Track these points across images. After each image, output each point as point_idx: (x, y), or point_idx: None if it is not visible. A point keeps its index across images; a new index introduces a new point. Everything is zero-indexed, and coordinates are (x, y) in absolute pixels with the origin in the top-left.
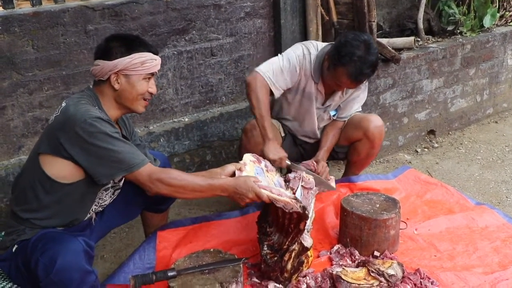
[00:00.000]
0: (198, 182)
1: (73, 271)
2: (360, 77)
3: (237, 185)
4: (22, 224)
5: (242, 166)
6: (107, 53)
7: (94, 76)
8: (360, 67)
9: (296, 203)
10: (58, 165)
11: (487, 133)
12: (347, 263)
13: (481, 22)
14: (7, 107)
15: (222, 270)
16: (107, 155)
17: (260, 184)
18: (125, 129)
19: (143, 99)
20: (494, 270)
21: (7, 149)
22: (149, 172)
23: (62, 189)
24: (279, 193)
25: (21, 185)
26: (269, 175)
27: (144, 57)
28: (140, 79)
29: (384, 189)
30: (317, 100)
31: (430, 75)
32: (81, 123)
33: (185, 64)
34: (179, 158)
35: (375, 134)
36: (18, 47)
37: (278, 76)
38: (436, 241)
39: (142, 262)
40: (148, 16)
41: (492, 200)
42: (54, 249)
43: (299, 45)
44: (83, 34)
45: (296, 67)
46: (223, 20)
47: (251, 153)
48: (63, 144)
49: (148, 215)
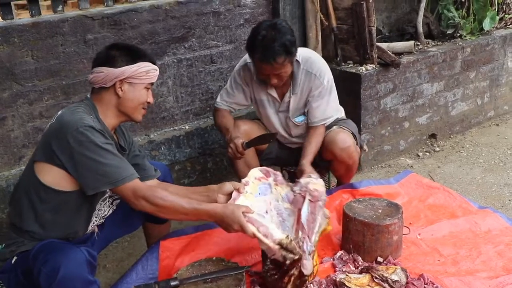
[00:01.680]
0: (183, 205)
1: (75, 281)
2: (268, 55)
3: (224, 215)
4: (21, 236)
5: (241, 187)
6: (111, 60)
7: (93, 83)
8: (266, 44)
9: (279, 251)
10: (52, 173)
11: (488, 136)
12: (351, 269)
13: (481, 25)
14: (8, 118)
15: (225, 279)
16: (94, 166)
17: (250, 217)
18: (123, 139)
19: (142, 108)
20: (498, 275)
21: (7, 159)
22: (135, 188)
23: (56, 197)
24: (266, 232)
25: (17, 195)
26: (278, 189)
27: (148, 67)
28: (142, 88)
29: (386, 194)
30: (273, 105)
31: (431, 79)
32: (72, 131)
33: (185, 71)
34: (180, 166)
35: (343, 156)
36: (18, 57)
37: (229, 98)
38: (440, 246)
39: (144, 272)
40: (148, 24)
41: (495, 204)
42: (56, 259)
43: (244, 56)
44: (82, 44)
45: (239, 82)
46: (223, 27)
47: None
48: (55, 152)
49: (149, 225)
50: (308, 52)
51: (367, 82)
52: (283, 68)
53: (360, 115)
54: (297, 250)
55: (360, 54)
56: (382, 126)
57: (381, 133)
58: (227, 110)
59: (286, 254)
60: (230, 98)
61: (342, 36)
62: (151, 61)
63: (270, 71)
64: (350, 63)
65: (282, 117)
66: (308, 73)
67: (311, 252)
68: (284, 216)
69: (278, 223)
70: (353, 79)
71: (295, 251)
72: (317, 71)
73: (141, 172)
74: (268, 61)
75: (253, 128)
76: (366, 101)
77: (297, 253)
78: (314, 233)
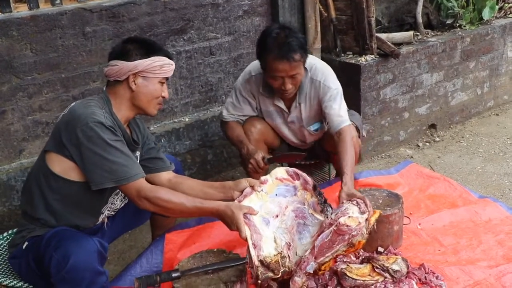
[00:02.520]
0: (186, 205)
1: (85, 271)
2: (285, 49)
3: (224, 214)
4: (32, 223)
5: (256, 184)
6: (126, 54)
7: (108, 76)
8: (282, 42)
9: (256, 268)
10: (62, 163)
11: (488, 126)
12: (351, 259)
13: (480, 15)
14: (7, 111)
15: (226, 270)
16: (100, 162)
17: (250, 220)
18: (136, 132)
19: (158, 103)
20: (498, 264)
21: (8, 153)
22: (139, 188)
23: (66, 187)
24: (257, 242)
25: (29, 183)
26: (305, 193)
27: (162, 61)
28: (156, 82)
29: (386, 185)
30: (281, 115)
31: (430, 69)
32: (82, 126)
33: (184, 64)
34: (180, 158)
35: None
36: (17, 51)
37: (236, 112)
38: (440, 236)
39: (149, 265)
40: (146, 16)
41: (495, 193)
42: (68, 246)
43: (247, 68)
44: (81, 36)
45: (244, 95)
46: (221, 19)
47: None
48: (64, 143)
49: (157, 217)
50: (312, 59)
51: (366, 72)
52: (299, 67)
53: (360, 106)
54: (279, 271)
55: (360, 45)
56: (382, 116)
57: (381, 124)
58: (235, 121)
59: (263, 272)
60: (237, 111)
61: (341, 27)
62: (167, 55)
63: (286, 71)
64: (349, 54)
65: (294, 127)
66: (314, 81)
67: (308, 272)
68: (308, 222)
69: (290, 227)
70: (353, 70)
71: (277, 271)
72: (321, 78)
73: (158, 163)
74: (286, 57)
75: (268, 127)
76: (365, 91)
77: (277, 273)
78: (324, 256)
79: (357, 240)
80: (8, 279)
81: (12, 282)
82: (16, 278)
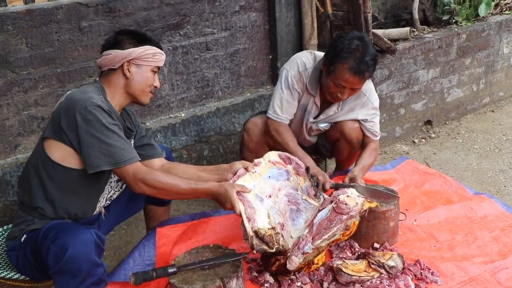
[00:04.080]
0: (181, 186)
1: (82, 262)
2: (362, 67)
3: (218, 193)
4: (30, 214)
5: (250, 166)
6: (119, 43)
7: (102, 66)
8: (360, 56)
9: (251, 238)
10: (61, 150)
11: (484, 122)
12: (347, 255)
13: (476, 11)
14: (3, 106)
15: (223, 266)
16: (98, 145)
17: (243, 196)
18: (130, 121)
19: (150, 92)
20: (494, 260)
21: (3, 148)
22: (135, 171)
23: (65, 174)
24: (251, 216)
25: (26, 173)
26: (300, 179)
27: (154, 50)
28: (149, 70)
29: (382, 180)
30: (311, 113)
31: (426, 65)
32: (81, 109)
33: (180, 59)
34: (176, 153)
35: (351, 135)
36: (12, 45)
37: (287, 109)
38: (436, 232)
39: (142, 259)
40: (142, 11)
41: (491, 190)
42: (66, 238)
43: (295, 61)
44: (77, 31)
45: (297, 89)
46: (218, 14)
47: (253, 151)
48: (63, 128)
49: (151, 208)
50: None
51: None
52: (363, 84)
53: None
54: (273, 245)
55: None
56: None
57: None
58: (284, 124)
59: (258, 244)
60: (292, 108)
61: (338, 22)
62: (158, 46)
63: (353, 84)
64: None
65: (310, 123)
66: (360, 93)
67: (306, 252)
68: (301, 207)
69: (283, 210)
70: None
71: (271, 244)
72: (367, 92)
73: (150, 150)
74: (359, 74)
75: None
76: None
77: (272, 247)
78: (321, 238)
79: (352, 222)
80: (5, 272)
81: (9, 274)
82: (13, 271)
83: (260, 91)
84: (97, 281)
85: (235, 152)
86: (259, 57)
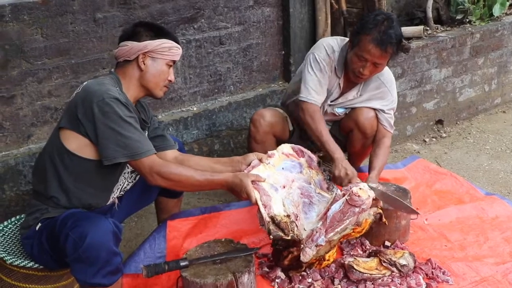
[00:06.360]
0: (197, 178)
1: (101, 250)
2: (385, 39)
3: (233, 184)
4: (45, 203)
5: (264, 157)
6: (136, 34)
7: (118, 57)
8: (384, 30)
9: (268, 223)
10: (77, 140)
11: (495, 123)
12: (358, 253)
13: (491, 11)
14: (17, 96)
15: (234, 260)
16: (115, 137)
17: (258, 185)
18: (144, 114)
19: (164, 86)
20: (505, 261)
21: (16, 138)
22: (151, 163)
23: (80, 164)
24: (266, 203)
25: (41, 162)
26: (312, 172)
27: (171, 43)
28: (164, 64)
29: (394, 179)
30: (332, 95)
31: (439, 65)
32: (98, 101)
33: (193, 52)
34: (187, 147)
35: (365, 125)
36: (27, 35)
37: (321, 91)
38: (447, 231)
39: (152, 252)
40: (157, 4)
41: (502, 190)
42: (85, 226)
43: (322, 46)
44: (92, 23)
45: (327, 70)
46: (232, 9)
47: (260, 142)
48: (80, 119)
49: (163, 200)
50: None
51: None
52: (385, 59)
53: None
54: (289, 232)
55: None
56: None
57: None
58: (318, 108)
59: (274, 230)
60: (324, 88)
61: (352, 19)
62: (175, 40)
63: (375, 56)
64: None
65: (327, 105)
66: (380, 83)
67: (319, 245)
68: (314, 200)
69: (297, 203)
70: None
71: (287, 231)
72: (388, 83)
73: (163, 142)
74: (381, 44)
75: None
76: None
77: (288, 234)
78: (334, 231)
79: (364, 218)
80: (19, 260)
81: (23, 262)
82: (27, 259)
83: (272, 86)
84: (114, 270)
85: (246, 147)
86: (272, 52)
